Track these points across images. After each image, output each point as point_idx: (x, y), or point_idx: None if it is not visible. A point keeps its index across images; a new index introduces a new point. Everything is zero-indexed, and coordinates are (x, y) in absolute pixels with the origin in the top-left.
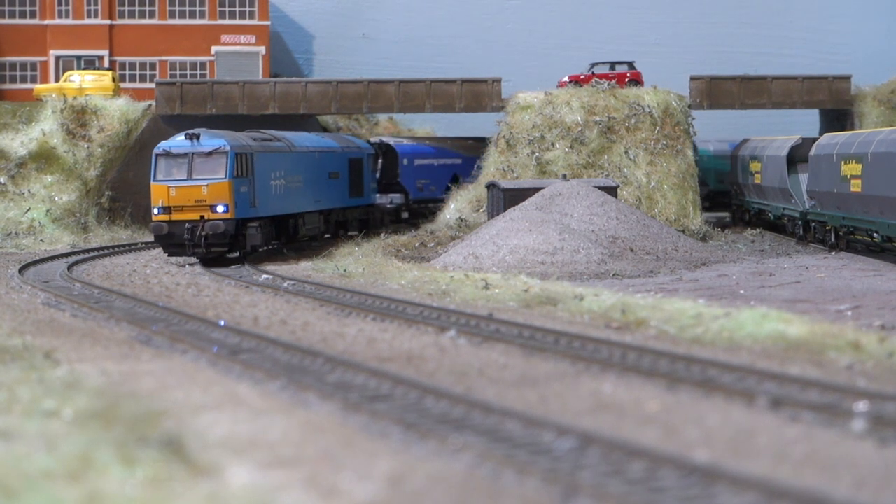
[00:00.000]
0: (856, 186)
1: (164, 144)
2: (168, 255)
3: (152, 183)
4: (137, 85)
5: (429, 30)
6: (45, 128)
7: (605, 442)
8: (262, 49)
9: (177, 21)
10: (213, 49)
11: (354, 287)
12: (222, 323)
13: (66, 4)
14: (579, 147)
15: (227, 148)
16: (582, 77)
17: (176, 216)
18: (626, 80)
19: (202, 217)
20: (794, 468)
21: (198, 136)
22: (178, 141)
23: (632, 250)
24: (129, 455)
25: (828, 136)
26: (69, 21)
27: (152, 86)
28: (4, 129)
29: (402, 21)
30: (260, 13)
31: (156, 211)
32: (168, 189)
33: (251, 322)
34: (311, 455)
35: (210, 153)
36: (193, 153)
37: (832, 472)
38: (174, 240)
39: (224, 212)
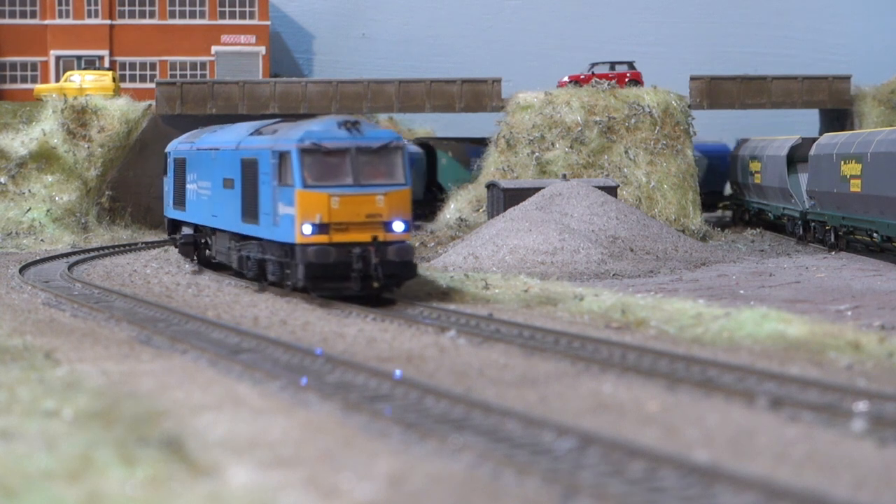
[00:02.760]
0: (855, 186)
1: (304, 135)
2: (314, 293)
3: (299, 189)
4: (138, 85)
5: (429, 30)
6: (46, 128)
7: (605, 442)
8: (262, 49)
9: (177, 21)
10: (214, 49)
11: None
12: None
13: (67, 4)
14: (579, 147)
15: (402, 142)
16: (582, 77)
17: (337, 237)
18: (626, 80)
19: (374, 238)
20: (793, 468)
21: (357, 125)
22: (328, 130)
23: (632, 250)
24: (130, 455)
25: (827, 136)
26: (69, 21)
27: (152, 86)
28: (5, 129)
29: (402, 21)
30: (260, 13)
31: (308, 230)
32: (329, 199)
33: (251, 322)
34: (311, 455)
35: (380, 149)
36: (356, 148)
37: (832, 472)
38: (335, 270)
39: (404, 231)
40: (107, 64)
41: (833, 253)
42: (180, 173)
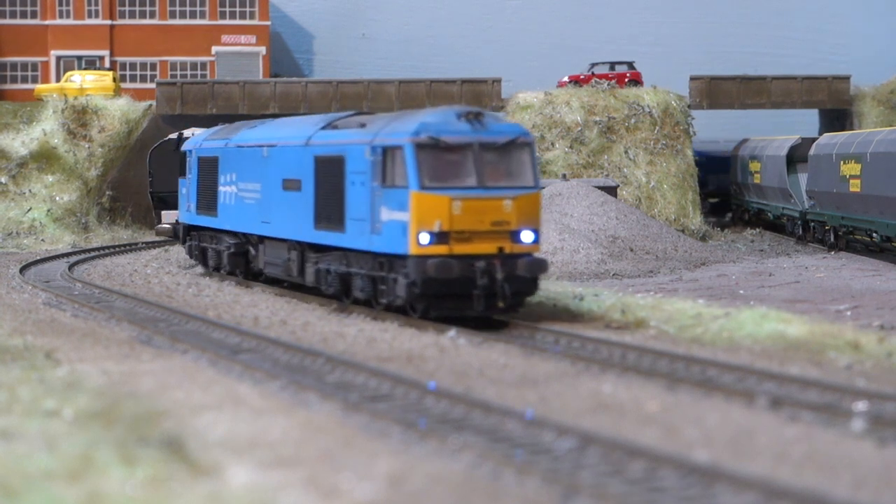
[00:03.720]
0: (855, 186)
1: (420, 128)
2: (426, 313)
3: (415, 191)
4: (138, 85)
5: (429, 30)
6: (46, 128)
7: (604, 442)
8: (262, 49)
9: (177, 21)
10: (214, 49)
11: None
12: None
13: (67, 5)
14: (579, 147)
15: (530, 137)
16: (582, 77)
17: (458, 248)
18: (626, 80)
19: (500, 250)
20: (793, 468)
21: (480, 117)
22: (446, 122)
23: (631, 250)
24: (130, 455)
25: (827, 136)
26: (70, 21)
27: (153, 86)
28: (5, 129)
29: (402, 21)
30: (260, 13)
31: (425, 239)
32: (450, 203)
33: (251, 322)
34: (311, 455)
35: (506, 145)
36: (479, 144)
37: (832, 471)
38: (454, 287)
39: (533, 242)
40: (107, 64)
41: (833, 253)
42: (208, 174)
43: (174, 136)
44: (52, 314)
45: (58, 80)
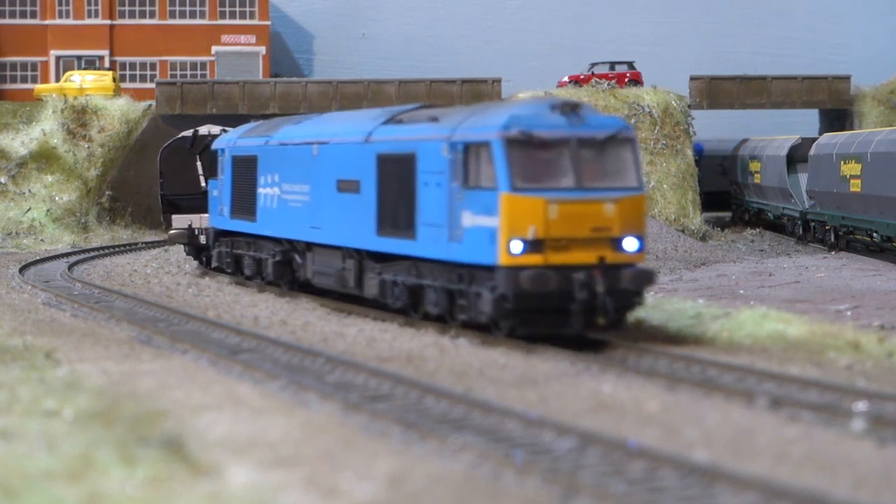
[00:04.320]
0: (855, 186)
1: (510, 121)
2: (518, 331)
3: (505, 193)
4: (138, 85)
5: (429, 30)
6: (46, 128)
7: (604, 442)
8: (262, 49)
9: (177, 21)
10: (214, 49)
11: None
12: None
13: (67, 4)
14: None
15: (632, 133)
16: (582, 77)
17: (554, 258)
18: (626, 80)
19: (601, 260)
20: (793, 468)
21: (576, 109)
22: (539, 115)
23: None
24: (130, 455)
25: (827, 136)
26: (70, 21)
27: (153, 86)
28: (5, 129)
29: (402, 21)
30: (260, 13)
31: (517, 247)
32: (545, 206)
33: (251, 322)
34: (312, 455)
35: (607, 140)
36: (577, 140)
37: (831, 471)
38: (549, 302)
39: (637, 250)
40: (107, 64)
41: (833, 253)
42: (245, 175)
43: (188, 133)
44: (52, 314)
45: (57, 79)
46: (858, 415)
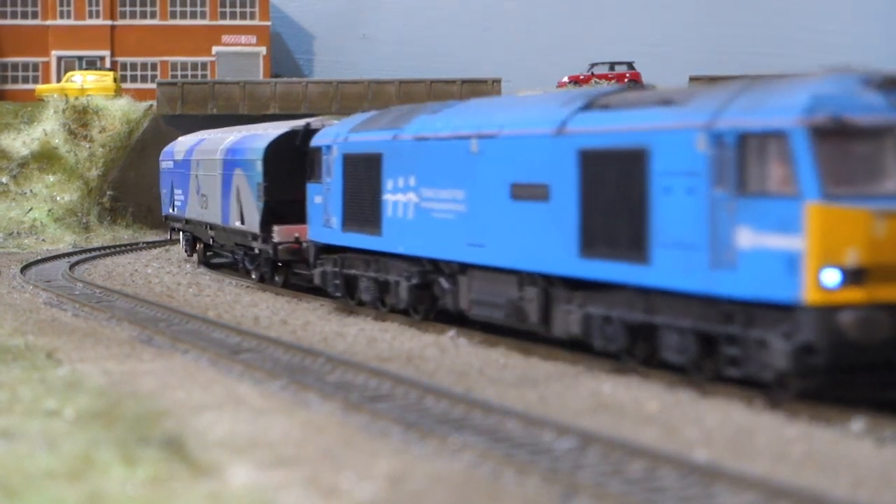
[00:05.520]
0: None
1: (813, 102)
2: (829, 392)
3: (813, 202)
4: (139, 85)
5: (429, 30)
6: (47, 128)
7: (604, 442)
8: (262, 49)
9: (178, 21)
10: (214, 49)
11: None
12: None
13: (68, 5)
14: None
15: None
16: (581, 77)
17: (882, 293)
18: (626, 80)
19: None
20: (793, 468)
21: None
22: (852, 95)
23: None
24: (131, 455)
25: None
26: (71, 22)
27: (153, 86)
28: (6, 130)
29: (402, 21)
30: (261, 14)
31: (833, 278)
32: (870, 221)
33: (252, 322)
34: (312, 455)
35: None
36: None
37: (831, 471)
38: (877, 355)
39: None
40: (108, 64)
41: None
42: (363, 178)
43: (298, 125)
44: (53, 314)
45: (59, 80)
46: (857, 415)
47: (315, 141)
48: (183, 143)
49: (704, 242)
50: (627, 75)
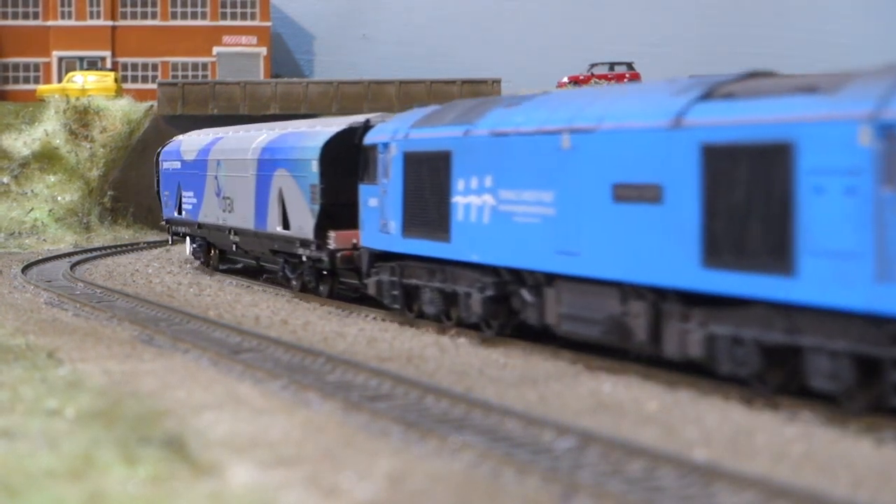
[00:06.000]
0: None
1: None
2: None
3: None
4: (139, 85)
5: (429, 30)
6: (48, 128)
7: (604, 441)
8: (263, 50)
9: (178, 22)
10: (215, 50)
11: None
12: None
13: (69, 6)
14: None
15: None
16: (581, 77)
17: None
18: (626, 80)
19: None
20: (792, 467)
21: None
22: None
23: None
24: (131, 454)
25: None
26: (72, 22)
27: (154, 86)
28: (8, 130)
29: (402, 21)
30: (261, 14)
31: None
32: None
33: (252, 322)
34: (312, 454)
35: None
36: None
37: (830, 471)
38: None
39: None
40: (109, 65)
41: None
42: (427, 177)
43: (356, 121)
44: (54, 314)
45: (60, 80)
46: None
47: (369, 138)
48: (192, 142)
49: (868, 250)
50: (627, 75)
